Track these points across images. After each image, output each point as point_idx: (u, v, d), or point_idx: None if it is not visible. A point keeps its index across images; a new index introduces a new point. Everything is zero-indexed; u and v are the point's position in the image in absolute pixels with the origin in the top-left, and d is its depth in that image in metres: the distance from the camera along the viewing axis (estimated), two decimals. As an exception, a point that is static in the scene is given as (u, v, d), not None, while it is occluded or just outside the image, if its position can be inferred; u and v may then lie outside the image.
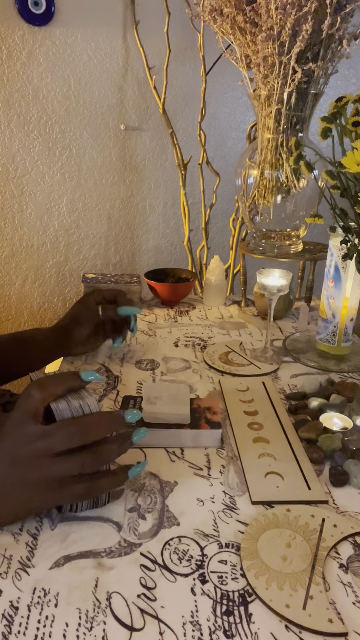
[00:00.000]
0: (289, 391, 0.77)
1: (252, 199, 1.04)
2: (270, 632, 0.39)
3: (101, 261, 1.55)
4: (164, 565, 0.45)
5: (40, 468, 0.44)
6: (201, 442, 0.62)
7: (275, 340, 0.96)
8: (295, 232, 1.05)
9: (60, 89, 1.33)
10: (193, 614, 0.41)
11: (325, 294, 0.86)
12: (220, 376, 0.81)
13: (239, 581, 0.44)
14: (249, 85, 0.98)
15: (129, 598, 0.42)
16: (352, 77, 1.56)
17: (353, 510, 0.52)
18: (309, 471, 0.57)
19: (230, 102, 1.49)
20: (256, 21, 0.88)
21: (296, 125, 0.94)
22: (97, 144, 1.42)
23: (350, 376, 0.82)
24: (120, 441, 0.48)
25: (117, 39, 1.33)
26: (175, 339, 0.95)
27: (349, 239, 0.66)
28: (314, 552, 0.46)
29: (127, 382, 0.78)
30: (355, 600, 0.42)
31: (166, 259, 1.62)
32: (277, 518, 0.50)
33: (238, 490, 0.55)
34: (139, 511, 0.51)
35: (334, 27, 0.84)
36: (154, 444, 0.62)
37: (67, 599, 0.42)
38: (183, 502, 0.53)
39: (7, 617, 0.40)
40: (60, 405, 0.46)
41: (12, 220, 1.41)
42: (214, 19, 0.93)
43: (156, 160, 1.49)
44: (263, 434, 0.64)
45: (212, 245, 1.62)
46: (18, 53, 1.27)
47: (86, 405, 0.47)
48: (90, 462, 0.46)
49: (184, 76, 1.42)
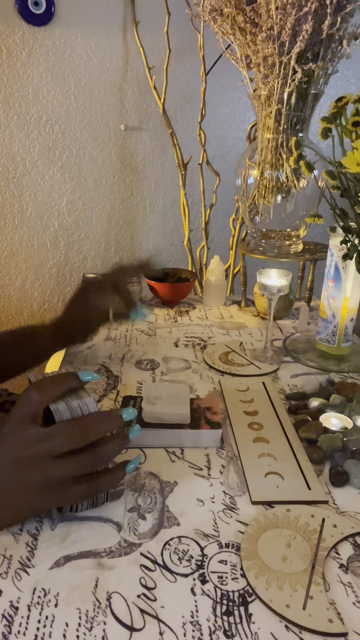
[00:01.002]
0: (289, 391, 0.77)
1: (252, 199, 1.04)
2: (270, 632, 0.39)
3: (101, 261, 1.55)
4: (164, 565, 0.45)
5: (41, 471, 0.44)
6: (201, 442, 0.62)
7: (275, 340, 0.96)
8: (295, 232, 1.05)
9: (60, 89, 1.33)
10: (193, 614, 0.41)
11: (325, 294, 0.86)
12: (220, 376, 0.81)
13: (239, 581, 0.44)
14: (249, 85, 0.98)
15: (129, 598, 0.42)
16: (352, 77, 1.56)
17: (353, 510, 0.52)
18: (309, 471, 0.57)
19: (230, 102, 1.49)
20: (256, 21, 0.88)
21: (296, 125, 0.94)
22: (97, 144, 1.42)
23: (350, 376, 0.82)
24: (119, 440, 0.48)
25: (117, 39, 1.33)
26: (175, 339, 0.95)
27: (349, 239, 0.66)
28: (314, 552, 0.46)
29: (127, 382, 0.78)
30: (355, 600, 0.42)
31: (166, 259, 1.62)
32: (277, 518, 0.50)
33: (238, 490, 0.55)
34: (139, 511, 0.51)
35: (334, 27, 0.84)
36: (154, 444, 0.61)
37: (67, 599, 0.42)
38: (183, 502, 0.53)
39: (7, 617, 0.40)
40: (59, 406, 0.46)
41: (12, 220, 1.41)
42: (214, 19, 0.93)
43: (156, 160, 1.49)
44: (263, 434, 0.64)
45: (212, 245, 1.62)
46: (18, 53, 1.27)
47: (84, 405, 0.47)
48: (90, 462, 0.46)
49: (184, 76, 1.42)
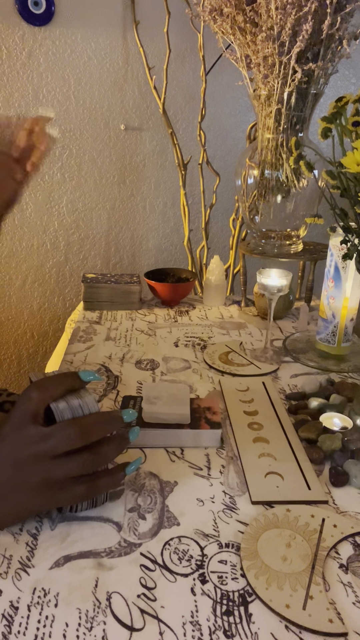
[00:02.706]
0: (289, 391, 0.77)
1: (252, 199, 1.04)
2: (270, 632, 0.39)
3: (101, 261, 1.55)
4: (164, 565, 0.45)
5: (41, 470, 0.44)
6: (201, 442, 0.62)
7: (275, 340, 0.96)
8: (295, 232, 1.05)
9: (60, 89, 1.33)
10: (193, 614, 0.41)
11: (325, 294, 0.86)
12: (220, 376, 0.81)
13: (239, 581, 0.44)
14: (249, 85, 0.98)
15: (129, 598, 0.42)
16: (352, 77, 1.56)
17: (353, 510, 0.52)
18: (309, 471, 0.57)
19: (230, 102, 1.49)
20: (256, 21, 0.88)
21: (296, 125, 0.95)
22: (97, 144, 1.42)
23: (350, 376, 0.82)
24: (119, 441, 0.48)
25: (117, 39, 1.33)
26: (175, 339, 0.95)
27: (349, 239, 0.66)
28: (314, 552, 0.46)
29: (127, 382, 0.78)
30: (355, 600, 0.42)
31: (166, 259, 1.62)
32: (277, 518, 0.50)
33: (238, 490, 0.55)
34: (139, 511, 0.51)
35: (334, 27, 0.84)
36: (154, 444, 0.61)
37: (67, 599, 0.42)
38: (183, 502, 0.53)
39: (7, 617, 0.40)
40: (60, 405, 0.46)
41: (12, 220, 1.41)
42: (214, 19, 0.93)
43: (156, 160, 1.49)
44: (263, 434, 0.64)
45: (212, 245, 1.62)
46: (18, 53, 1.27)
47: (85, 405, 0.47)
48: (91, 462, 0.46)
49: (184, 76, 1.42)
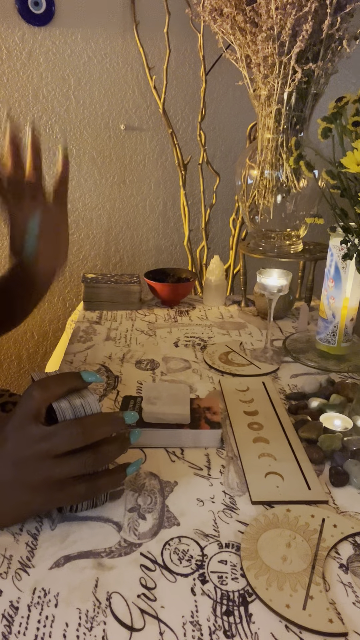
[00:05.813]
0: (289, 391, 0.77)
1: (252, 199, 1.04)
2: (270, 632, 0.39)
3: (101, 261, 1.55)
4: (164, 565, 0.45)
5: (42, 470, 0.44)
6: (201, 442, 0.62)
7: (275, 340, 0.96)
8: (295, 232, 1.05)
9: (60, 89, 1.33)
10: (193, 614, 0.41)
11: (325, 294, 0.86)
12: (220, 376, 0.81)
13: (239, 581, 0.44)
14: (249, 85, 0.98)
15: (129, 598, 0.42)
16: (352, 77, 1.56)
17: (353, 510, 0.52)
18: (309, 471, 0.57)
19: (230, 102, 1.49)
20: (256, 21, 0.88)
21: (296, 125, 0.95)
22: (97, 144, 1.42)
23: (350, 376, 0.82)
24: (120, 442, 0.48)
25: (117, 39, 1.33)
26: (175, 339, 0.95)
27: (349, 239, 0.66)
28: (314, 552, 0.46)
29: (127, 382, 0.78)
30: (355, 600, 0.42)
31: (166, 259, 1.62)
32: (277, 518, 0.50)
33: (238, 490, 0.55)
34: (139, 511, 0.51)
35: (334, 27, 0.84)
36: (154, 444, 0.61)
37: (67, 599, 0.42)
38: (183, 502, 0.53)
39: (7, 617, 0.40)
40: (62, 404, 0.46)
41: (12, 220, 1.41)
42: (214, 19, 0.93)
43: (156, 160, 1.49)
44: (263, 434, 0.64)
45: (212, 245, 1.61)
46: (18, 53, 1.27)
47: (87, 404, 0.47)
48: (92, 462, 0.46)
49: (184, 76, 1.42)
